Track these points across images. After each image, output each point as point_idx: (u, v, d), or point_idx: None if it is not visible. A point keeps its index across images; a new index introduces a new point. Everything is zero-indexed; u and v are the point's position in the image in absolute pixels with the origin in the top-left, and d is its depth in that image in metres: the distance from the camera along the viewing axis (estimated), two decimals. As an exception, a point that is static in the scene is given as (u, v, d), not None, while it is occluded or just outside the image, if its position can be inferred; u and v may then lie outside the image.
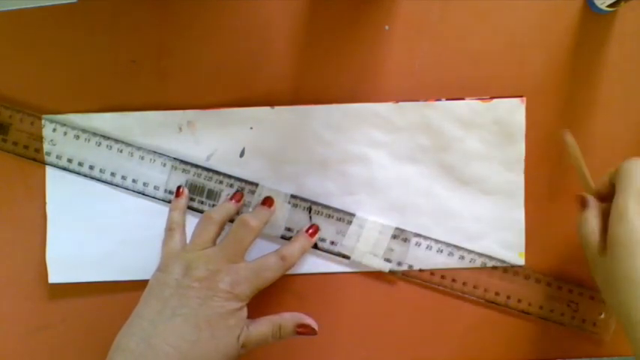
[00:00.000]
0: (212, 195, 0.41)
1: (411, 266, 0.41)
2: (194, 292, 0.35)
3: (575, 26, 0.42)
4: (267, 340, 0.37)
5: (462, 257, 0.41)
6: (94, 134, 0.41)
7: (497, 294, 0.42)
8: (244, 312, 0.37)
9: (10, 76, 0.42)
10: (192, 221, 0.41)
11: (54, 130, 0.41)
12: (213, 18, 0.41)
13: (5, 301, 0.42)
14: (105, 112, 0.41)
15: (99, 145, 0.41)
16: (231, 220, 0.40)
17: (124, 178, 0.41)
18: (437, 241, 0.42)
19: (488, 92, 0.41)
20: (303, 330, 0.38)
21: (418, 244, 0.41)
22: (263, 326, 0.37)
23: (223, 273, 0.36)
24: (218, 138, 0.42)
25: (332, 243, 0.41)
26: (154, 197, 0.41)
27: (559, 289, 0.41)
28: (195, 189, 0.41)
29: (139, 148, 0.41)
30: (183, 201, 0.41)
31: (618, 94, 0.42)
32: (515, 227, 0.42)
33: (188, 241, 0.39)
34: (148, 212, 0.41)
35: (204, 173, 0.41)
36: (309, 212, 0.41)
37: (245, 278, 0.36)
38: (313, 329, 0.38)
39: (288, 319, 0.38)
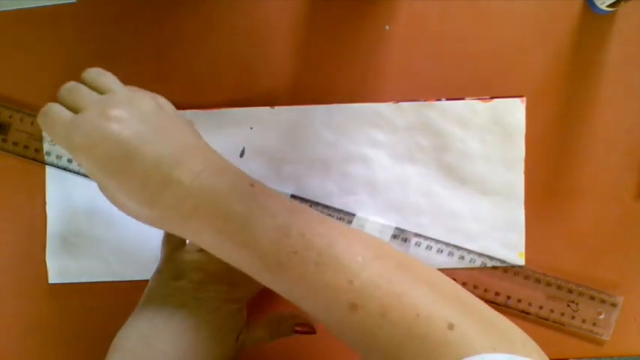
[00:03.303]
0: (212, 195, 0.41)
1: (411, 266, 0.41)
2: (193, 292, 0.35)
3: (575, 26, 0.42)
4: (265, 340, 0.37)
5: (462, 257, 0.41)
6: (94, 134, 0.41)
7: (497, 294, 0.42)
8: (243, 312, 0.36)
9: (10, 76, 0.42)
10: (192, 221, 0.41)
11: (54, 130, 0.41)
12: (213, 18, 0.41)
13: (5, 301, 0.42)
14: (105, 112, 0.41)
15: (99, 145, 0.41)
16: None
17: (124, 178, 0.41)
18: (437, 241, 0.42)
19: (489, 92, 0.41)
20: (302, 329, 0.38)
21: (418, 244, 0.41)
22: (262, 326, 0.37)
23: (222, 273, 0.36)
24: (218, 138, 0.41)
25: (332, 243, 0.41)
26: (154, 197, 0.41)
27: (559, 289, 0.41)
28: (195, 189, 0.41)
29: (139, 148, 0.41)
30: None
31: (618, 95, 0.42)
32: (515, 227, 0.42)
33: (187, 242, 0.39)
34: (148, 212, 0.41)
35: (204, 173, 0.41)
36: (309, 212, 0.41)
37: (244, 279, 0.36)
38: (312, 328, 0.38)
39: (287, 318, 0.38)
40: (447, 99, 0.41)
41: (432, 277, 0.30)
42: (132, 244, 0.41)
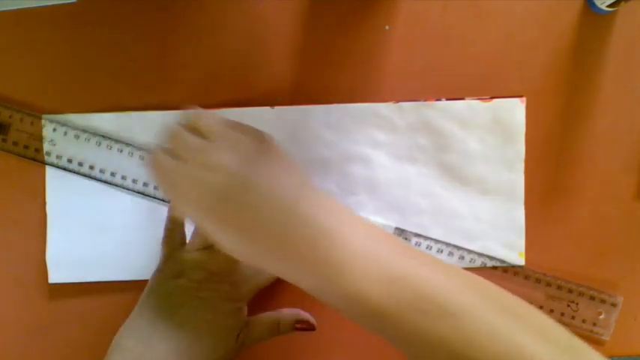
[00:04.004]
0: (212, 195, 0.41)
1: (411, 266, 0.41)
2: (193, 291, 0.35)
3: (575, 26, 0.42)
4: (265, 338, 0.37)
5: (462, 257, 0.41)
6: (94, 134, 0.41)
7: (497, 294, 0.42)
8: (244, 312, 0.36)
9: (10, 76, 0.42)
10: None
11: (54, 130, 0.41)
12: (213, 18, 0.41)
13: (5, 301, 0.42)
14: (105, 112, 0.41)
15: (99, 145, 0.41)
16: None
17: (123, 178, 0.41)
18: (437, 241, 0.42)
19: (489, 92, 0.41)
20: (302, 326, 0.38)
21: (418, 244, 0.41)
22: (262, 323, 0.37)
23: (223, 273, 0.36)
24: (218, 138, 0.41)
25: (332, 243, 0.41)
26: (154, 197, 0.41)
27: (559, 289, 0.41)
28: (195, 189, 0.41)
29: (139, 148, 0.41)
30: (183, 201, 0.41)
31: (618, 95, 0.42)
32: (515, 227, 0.42)
33: (187, 240, 0.39)
34: (148, 212, 0.41)
35: (204, 173, 0.41)
36: (309, 212, 0.41)
37: (245, 278, 0.36)
38: (312, 325, 0.38)
39: (287, 315, 0.38)
40: (447, 99, 0.41)
41: (540, 323, 0.29)
42: (132, 244, 0.41)
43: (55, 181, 0.42)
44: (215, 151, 0.29)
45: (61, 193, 0.42)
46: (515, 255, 0.42)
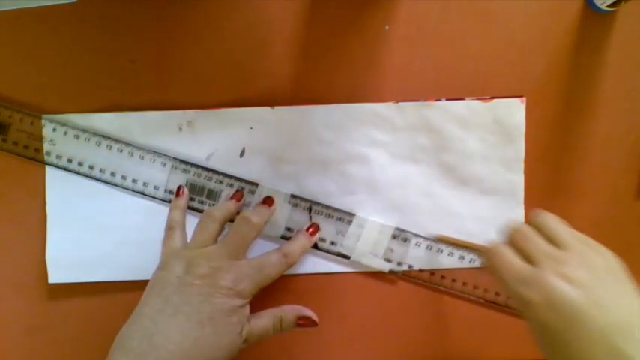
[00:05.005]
0: (212, 195, 0.41)
1: (411, 266, 0.41)
2: (196, 289, 0.35)
3: (575, 26, 0.42)
4: (268, 334, 0.37)
5: (462, 257, 0.41)
6: (94, 134, 0.41)
7: (497, 294, 0.42)
8: (247, 309, 0.36)
9: (10, 76, 0.42)
10: (192, 221, 0.41)
11: (54, 130, 0.41)
12: (213, 18, 0.41)
13: (5, 301, 0.42)
14: (105, 112, 0.41)
15: (99, 145, 0.41)
16: (231, 221, 0.40)
17: (124, 178, 0.41)
18: (437, 240, 0.42)
19: (489, 92, 0.41)
20: (304, 322, 0.38)
21: (418, 244, 0.41)
22: (264, 319, 0.37)
23: (225, 270, 0.36)
24: (218, 138, 0.42)
25: (332, 243, 0.41)
26: (153, 197, 0.41)
27: (559, 289, 0.41)
28: (195, 189, 0.41)
29: (139, 148, 0.41)
30: (183, 201, 0.41)
31: (618, 94, 0.42)
32: (515, 227, 0.42)
33: (189, 240, 0.39)
34: (148, 212, 0.41)
35: (204, 173, 0.41)
36: (309, 212, 0.41)
37: (247, 275, 0.36)
38: (314, 321, 0.38)
39: (289, 311, 0.38)
40: (447, 99, 0.41)
41: None
42: (132, 244, 0.41)
43: (55, 181, 0.42)
44: (572, 263, 0.29)
45: (61, 193, 0.42)
46: (515, 255, 0.41)
